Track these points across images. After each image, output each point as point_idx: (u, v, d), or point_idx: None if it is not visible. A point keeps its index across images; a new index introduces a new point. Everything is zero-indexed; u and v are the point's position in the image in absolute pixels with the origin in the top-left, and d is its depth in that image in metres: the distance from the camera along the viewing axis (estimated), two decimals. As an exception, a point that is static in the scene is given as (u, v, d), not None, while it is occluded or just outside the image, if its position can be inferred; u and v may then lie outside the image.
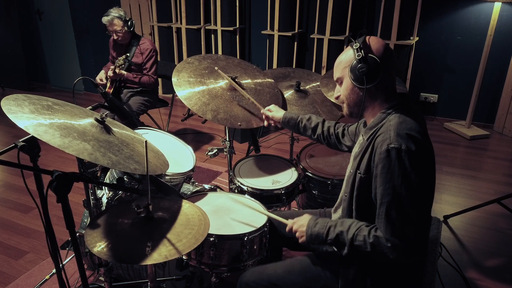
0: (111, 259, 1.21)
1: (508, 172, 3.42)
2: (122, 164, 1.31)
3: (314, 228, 1.38)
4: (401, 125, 1.25)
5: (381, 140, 1.25)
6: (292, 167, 2.18)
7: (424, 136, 1.26)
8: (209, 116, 1.89)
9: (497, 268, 2.32)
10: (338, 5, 4.09)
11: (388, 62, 1.32)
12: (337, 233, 1.32)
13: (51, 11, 5.33)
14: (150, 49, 3.34)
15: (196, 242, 1.28)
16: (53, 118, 1.32)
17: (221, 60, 2.26)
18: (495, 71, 4.06)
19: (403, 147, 1.19)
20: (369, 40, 1.33)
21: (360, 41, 1.33)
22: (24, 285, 2.19)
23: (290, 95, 2.24)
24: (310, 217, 1.43)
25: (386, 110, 1.33)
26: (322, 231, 1.35)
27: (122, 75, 3.26)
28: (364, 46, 1.31)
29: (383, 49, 1.32)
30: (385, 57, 1.31)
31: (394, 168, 1.20)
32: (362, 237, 1.27)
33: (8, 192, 3.12)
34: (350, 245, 1.29)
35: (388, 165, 1.21)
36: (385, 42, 1.36)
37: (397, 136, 1.21)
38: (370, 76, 1.30)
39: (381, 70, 1.30)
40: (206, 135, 4.20)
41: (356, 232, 1.28)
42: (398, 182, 1.20)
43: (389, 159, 1.20)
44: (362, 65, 1.29)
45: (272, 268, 1.52)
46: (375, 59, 1.29)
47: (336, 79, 1.42)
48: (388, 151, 1.21)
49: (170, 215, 1.41)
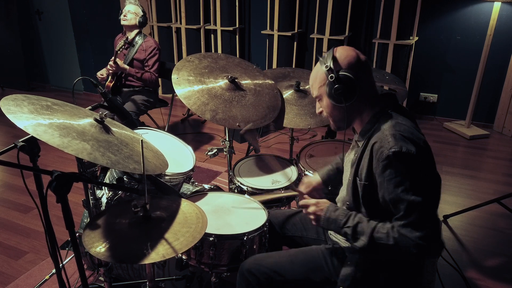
0: (109, 259, 1.21)
1: (508, 171, 3.42)
2: (121, 163, 1.31)
3: (334, 213, 1.35)
4: (395, 127, 1.24)
5: (379, 146, 1.24)
6: (292, 167, 2.18)
7: (417, 134, 1.26)
8: (208, 116, 1.89)
9: (497, 267, 2.32)
10: (337, 5, 4.09)
11: (363, 71, 1.30)
12: (357, 222, 1.30)
13: (51, 11, 5.33)
14: (154, 47, 3.38)
15: (194, 241, 1.28)
16: (53, 118, 1.32)
17: (221, 59, 2.25)
18: (495, 71, 4.06)
19: (403, 150, 1.19)
20: (339, 54, 1.30)
21: (329, 58, 1.29)
22: (24, 285, 2.19)
23: (289, 95, 2.24)
24: (331, 203, 1.40)
25: (375, 114, 1.32)
26: (342, 218, 1.32)
27: (124, 69, 3.26)
28: (334, 64, 1.28)
29: (355, 60, 1.29)
30: (358, 68, 1.29)
31: (401, 171, 1.20)
32: (386, 229, 1.24)
33: (8, 192, 3.12)
34: (370, 236, 1.25)
35: (394, 170, 1.20)
36: (354, 50, 1.32)
37: (395, 140, 1.21)
38: (349, 94, 1.28)
39: (358, 83, 1.28)
40: (206, 135, 4.20)
41: (378, 225, 1.27)
42: (408, 184, 1.19)
43: (393, 164, 1.20)
44: (337, 86, 1.27)
45: (275, 256, 1.51)
46: (348, 76, 1.27)
47: (314, 97, 1.40)
48: (389, 156, 1.20)
49: (168, 214, 1.41)
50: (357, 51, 1.32)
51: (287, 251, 1.55)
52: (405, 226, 1.21)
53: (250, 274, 1.47)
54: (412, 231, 1.20)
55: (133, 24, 3.36)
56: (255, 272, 1.46)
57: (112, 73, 3.33)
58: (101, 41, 5.05)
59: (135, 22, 3.36)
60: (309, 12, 4.48)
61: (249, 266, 1.49)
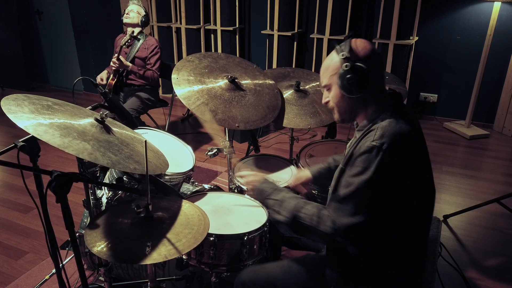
0: (111, 258, 1.21)
1: (508, 171, 3.42)
2: (121, 164, 1.31)
3: (262, 184, 1.47)
4: (390, 126, 1.23)
5: (367, 137, 1.24)
6: (292, 167, 2.18)
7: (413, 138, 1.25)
8: (208, 116, 1.89)
9: (497, 267, 2.32)
10: (337, 4, 4.09)
11: (377, 66, 1.29)
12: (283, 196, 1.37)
13: (51, 11, 5.33)
14: (156, 45, 3.41)
15: (196, 242, 1.28)
16: (53, 118, 1.32)
17: (222, 59, 2.25)
18: (495, 71, 4.06)
19: (384, 146, 1.18)
20: (356, 45, 1.29)
21: (346, 47, 1.29)
22: (24, 285, 2.19)
23: (289, 95, 2.24)
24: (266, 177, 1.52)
25: (377, 111, 1.31)
26: (268, 189, 1.43)
27: (127, 66, 3.27)
28: (350, 53, 1.27)
29: (371, 54, 1.28)
30: (373, 61, 1.28)
31: (370, 164, 1.19)
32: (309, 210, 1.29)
33: (8, 192, 3.12)
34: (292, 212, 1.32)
35: (365, 159, 1.20)
36: (372, 45, 1.31)
37: (382, 136, 1.21)
38: (360, 85, 1.27)
39: (371, 76, 1.27)
40: (205, 135, 4.20)
41: (304, 205, 1.31)
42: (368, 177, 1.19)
43: (368, 154, 1.20)
44: (351, 76, 1.25)
45: (270, 268, 1.51)
46: (363, 68, 1.25)
47: (323, 86, 1.38)
48: (370, 147, 1.20)
49: (170, 215, 1.41)
50: (373, 45, 1.31)
51: (281, 261, 1.55)
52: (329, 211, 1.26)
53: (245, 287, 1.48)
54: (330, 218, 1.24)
55: (135, 22, 3.38)
56: (251, 285, 1.47)
57: (115, 70, 3.34)
58: (101, 41, 5.05)
59: (138, 21, 3.39)
60: (309, 12, 4.48)
61: (245, 279, 1.50)
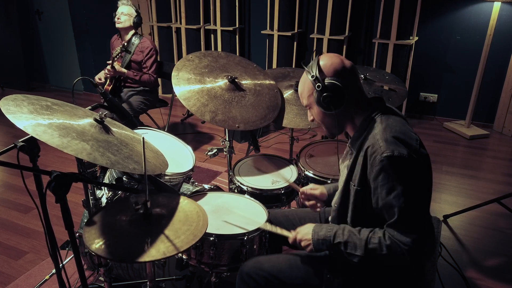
0: (109, 256, 1.21)
1: (508, 171, 3.42)
2: (121, 164, 1.31)
3: (320, 233, 1.34)
4: (386, 131, 1.24)
5: (372, 151, 1.24)
6: (292, 167, 2.18)
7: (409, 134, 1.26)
8: (207, 117, 1.89)
9: (496, 267, 2.32)
10: (337, 4, 4.09)
11: (349, 77, 1.30)
12: (349, 235, 1.29)
13: (51, 11, 5.33)
14: (151, 47, 3.36)
15: (195, 239, 1.28)
16: (52, 118, 1.32)
17: (222, 58, 2.25)
18: (495, 71, 4.06)
19: (395, 154, 1.19)
20: (324, 63, 1.30)
21: (314, 67, 1.30)
22: (24, 285, 2.19)
23: (289, 95, 2.24)
24: (314, 224, 1.39)
25: (366, 118, 1.32)
26: (330, 234, 1.32)
27: (122, 73, 3.26)
28: (320, 72, 1.29)
29: (340, 67, 1.29)
30: (344, 74, 1.29)
31: (393, 176, 1.19)
32: (377, 239, 1.24)
33: (7, 192, 3.12)
34: (365, 248, 1.25)
35: (387, 175, 1.20)
36: (338, 57, 1.32)
37: (387, 144, 1.21)
38: (337, 101, 1.29)
39: (346, 90, 1.28)
40: (205, 135, 4.20)
41: (370, 235, 1.26)
42: (400, 189, 1.19)
43: (386, 169, 1.20)
44: (325, 95, 1.28)
45: (275, 260, 1.50)
46: (335, 84, 1.27)
47: (305, 106, 1.42)
48: (382, 161, 1.20)
49: (168, 211, 1.41)
50: (342, 57, 1.32)
51: (286, 254, 1.54)
52: (398, 231, 1.22)
53: (249, 277, 1.47)
54: (404, 236, 1.21)
55: (127, 26, 3.33)
56: (254, 276, 1.47)
57: (110, 77, 3.33)
58: (101, 41, 5.05)
59: (130, 24, 3.33)
60: (309, 12, 4.48)
61: (248, 270, 1.49)
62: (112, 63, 3.18)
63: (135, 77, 3.31)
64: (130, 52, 3.33)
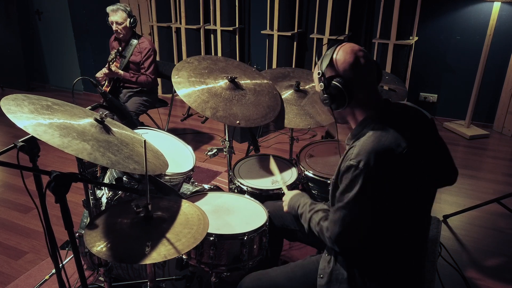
0: (111, 258, 1.21)
1: (508, 171, 3.42)
2: (121, 164, 1.31)
3: (291, 201, 1.60)
4: (367, 143, 1.21)
5: (349, 152, 1.25)
6: (292, 167, 2.18)
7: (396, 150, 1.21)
8: (208, 113, 1.89)
9: (496, 267, 2.32)
10: (337, 4, 4.09)
11: (359, 77, 1.26)
12: (304, 209, 1.49)
13: (51, 11, 5.33)
14: (149, 48, 3.33)
15: (195, 242, 1.28)
16: (53, 118, 1.32)
17: (221, 62, 2.26)
18: (495, 71, 4.06)
19: (360, 165, 1.18)
20: (336, 58, 1.26)
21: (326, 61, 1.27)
22: (24, 285, 2.19)
23: (289, 95, 2.24)
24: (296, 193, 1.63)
25: (366, 118, 1.30)
26: (295, 205, 1.56)
27: (118, 74, 3.25)
28: (329, 69, 1.27)
29: (351, 67, 1.25)
30: (353, 75, 1.25)
31: (352, 182, 1.21)
32: (314, 222, 1.40)
33: (7, 192, 3.12)
34: (308, 225, 1.44)
35: (348, 177, 1.22)
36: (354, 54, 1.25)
37: (358, 154, 1.20)
38: (337, 102, 1.28)
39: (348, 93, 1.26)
40: (205, 135, 4.20)
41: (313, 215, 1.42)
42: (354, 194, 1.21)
43: (348, 173, 1.22)
44: (326, 96, 1.28)
45: (273, 275, 1.50)
46: (338, 87, 1.25)
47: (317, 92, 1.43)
48: (349, 166, 1.21)
49: (169, 214, 1.41)
50: (359, 53, 1.26)
51: (285, 266, 1.54)
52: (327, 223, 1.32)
53: None
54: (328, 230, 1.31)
55: (127, 31, 3.29)
56: None
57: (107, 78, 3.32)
58: (101, 41, 5.04)
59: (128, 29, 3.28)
60: (309, 12, 4.48)
61: (248, 286, 1.50)
62: (108, 66, 3.18)
63: (131, 78, 3.30)
64: (125, 57, 3.30)
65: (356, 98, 1.28)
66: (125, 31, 3.28)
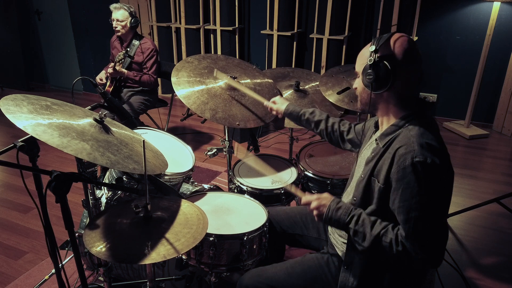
0: (110, 259, 1.21)
1: (507, 171, 3.42)
2: (121, 164, 1.31)
3: (336, 212, 1.31)
4: (423, 136, 1.20)
5: (403, 152, 1.19)
6: (292, 167, 2.18)
7: (443, 146, 1.23)
8: (208, 115, 1.89)
9: (496, 267, 2.32)
10: (337, 4, 4.09)
11: (407, 68, 1.24)
12: (362, 224, 1.27)
13: (50, 11, 5.33)
14: (152, 48, 3.35)
15: (195, 242, 1.28)
16: (52, 118, 1.32)
17: (221, 60, 2.25)
18: (494, 71, 4.07)
19: (428, 161, 1.15)
20: (393, 41, 1.25)
21: (381, 41, 1.25)
22: (24, 285, 2.19)
23: (289, 95, 2.24)
24: (333, 198, 1.35)
25: (402, 118, 1.28)
26: (344, 218, 1.29)
27: (122, 73, 3.25)
28: (383, 48, 1.25)
29: (403, 55, 1.23)
30: (403, 63, 1.24)
31: (421, 182, 1.15)
32: (389, 239, 1.22)
33: (7, 192, 3.12)
34: (373, 241, 1.23)
35: (414, 179, 1.16)
36: (411, 46, 1.26)
37: (421, 149, 1.17)
38: (379, 83, 1.25)
39: (393, 77, 1.23)
40: (205, 135, 4.20)
41: (382, 232, 1.23)
42: (426, 197, 1.16)
43: (415, 173, 1.16)
44: (371, 72, 1.24)
45: (272, 271, 1.51)
46: (387, 67, 1.22)
47: (355, 71, 1.38)
48: (414, 165, 1.15)
49: (169, 214, 1.41)
50: (415, 47, 1.26)
51: (284, 263, 1.54)
52: (411, 241, 1.18)
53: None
54: (418, 249, 1.17)
55: (126, 31, 3.30)
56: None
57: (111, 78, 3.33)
58: (100, 41, 5.04)
59: (128, 28, 3.29)
60: (309, 12, 4.48)
61: (248, 282, 1.50)
62: (114, 65, 3.18)
63: (135, 77, 3.31)
64: (132, 57, 3.31)
65: (397, 86, 1.25)
66: (125, 29, 3.28)
